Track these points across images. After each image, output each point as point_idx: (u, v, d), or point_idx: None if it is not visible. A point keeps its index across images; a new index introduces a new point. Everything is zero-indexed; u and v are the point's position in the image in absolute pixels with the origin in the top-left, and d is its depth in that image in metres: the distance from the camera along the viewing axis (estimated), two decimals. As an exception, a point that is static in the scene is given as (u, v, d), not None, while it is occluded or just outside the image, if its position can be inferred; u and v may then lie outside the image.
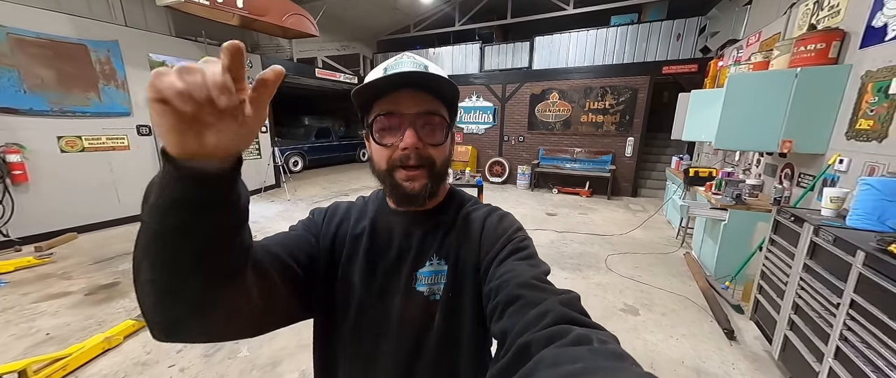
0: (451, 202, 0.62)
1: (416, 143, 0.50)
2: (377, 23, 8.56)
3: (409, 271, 0.55)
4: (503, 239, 0.53)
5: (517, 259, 0.49)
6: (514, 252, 0.51)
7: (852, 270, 1.29)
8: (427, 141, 0.51)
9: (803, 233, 1.64)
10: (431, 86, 0.51)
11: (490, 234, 0.55)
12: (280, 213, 5.14)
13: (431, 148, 0.52)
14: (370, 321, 0.56)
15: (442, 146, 0.53)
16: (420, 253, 0.56)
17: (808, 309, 1.56)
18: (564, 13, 6.80)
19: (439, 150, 0.53)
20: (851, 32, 2.37)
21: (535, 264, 0.49)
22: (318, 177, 8.35)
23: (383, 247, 0.58)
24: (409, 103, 0.50)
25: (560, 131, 7.14)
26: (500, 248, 0.52)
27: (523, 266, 0.47)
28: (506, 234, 0.54)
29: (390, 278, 0.56)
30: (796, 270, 1.67)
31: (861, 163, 2.12)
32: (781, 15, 3.51)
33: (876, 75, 2.10)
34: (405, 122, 0.50)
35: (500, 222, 0.57)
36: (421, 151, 0.51)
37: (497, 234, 0.54)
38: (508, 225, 0.56)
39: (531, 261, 0.49)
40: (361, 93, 0.50)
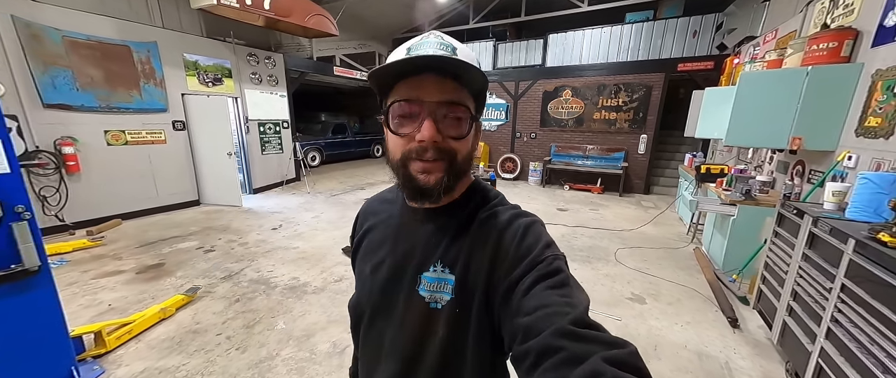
0: (469, 200, 0.54)
1: (435, 137, 0.45)
2: (393, 22, 8.74)
3: (414, 272, 0.52)
4: (529, 260, 0.45)
5: (548, 288, 0.42)
6: (543, 278, 0.43)
7: (844, 257, 1.40)
8: (447, 133, 0.47)
9: (803, 224, 1.74)
10: (458, 72, 0.45)
11: (510, 249, 0.48)
12: (301, 204, 5.41)
13: (452, 141, 0.47)
14: (378, 312, 0.56)
15: (464, 140, 0.48)
16: (425, 254, 0.53)
17: (804, 295, 1.66)
18: (579, 10, 6.83)
19: (461, 143, 0.48)
20: (864, 31, 2.40)
21: (570, 295, 0.41)
22: (335, 171, 8.63)
23: (394, 241, 0.57)
24: (431, 90, 0.45)
25: (573, 128, 7.19)
26: (525, 271, 0.45)
27: (557, 299, 0.40)
28: (532, 254, 0.46)
29: (397, 274, 0.54)
30: (796, 260, 1.77)
31: (869, 159, 2.18)
32: (798, 13, 3.52)
33: (885, 74, 2.14)
34: (425, 110, 0.45)
35: (525, 236, 0.48)
36: (440, 144, 0.46)
37: (519, 253, 0.47)
38: (535, 240, 0.48)
39: (565, 290, 0.42)
40: (380, 73, 0.46)
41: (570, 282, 0.44)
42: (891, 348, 1.16)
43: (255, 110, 6.02)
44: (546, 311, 0.39)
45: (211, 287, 2.72)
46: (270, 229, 4.19)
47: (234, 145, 5.13)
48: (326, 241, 3.84)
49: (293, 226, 4.34)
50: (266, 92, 6.20)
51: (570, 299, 0.40)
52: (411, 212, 0.56)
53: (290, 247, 3.64)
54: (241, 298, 2.57)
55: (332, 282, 2.88)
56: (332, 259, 3.34)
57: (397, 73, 0.47)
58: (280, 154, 6.61)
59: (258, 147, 6.18)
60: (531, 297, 0.42)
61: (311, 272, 3.04)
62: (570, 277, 0.44)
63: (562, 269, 0.44)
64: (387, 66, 0.45)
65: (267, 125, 6.30)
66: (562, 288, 0.42)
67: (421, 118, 0.46)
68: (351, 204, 5.47)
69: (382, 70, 0.45)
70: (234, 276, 2.94)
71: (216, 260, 3.26)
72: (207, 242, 3.70)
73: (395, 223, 0.58)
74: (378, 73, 0.46)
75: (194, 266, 3.11)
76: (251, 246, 3.64)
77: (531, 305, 0.41)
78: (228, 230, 4.13)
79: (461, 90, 0.47)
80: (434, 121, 0.45)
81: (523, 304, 0.42)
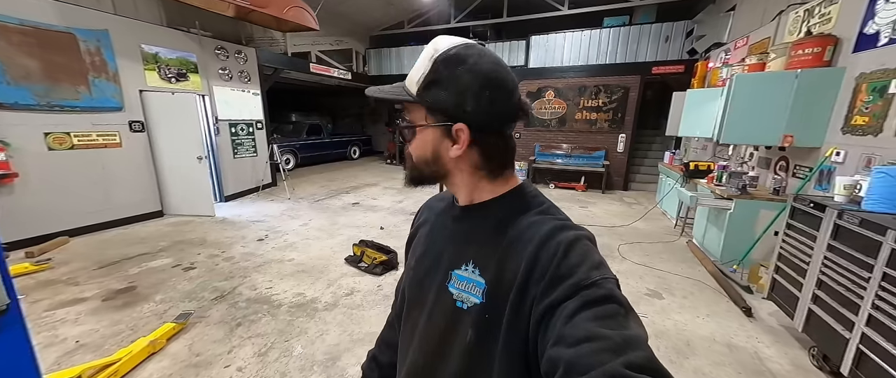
0: (508, 203, 0.52)
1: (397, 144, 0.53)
2: (371, 18, 8.43)
3: (447, 268, 0.53)
4: (572, 282, 0.40)
5: (596, 317, 0.36)
6: (590, 304, 0.37)
7: (883, 247, 1.48)
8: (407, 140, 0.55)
9: (826, 217, 1.85)
10: (398, 100, 0.53)
11: (549, 267, 0.42)
12: (284, 211, 4.99)
13: (409, 144, 0.55)
14: (414, 303, 0.59)
15: (411, 144, 0.54)
16: (458, 252, 0.53)
17: (833, 284, 1.76)
18: (559, 13, 7.01)
19: (411, 148, 0.54)
20: (844, 38, 2.65)
21: (624, 328, 0.35)
22: (312, 175, 8.13)
23: (437, 236, 0.59)
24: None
25: (556, 128, 7.37)
26: (567, 295, 0.39)
27: (608, 333, 0.34)
28: (576, 275, 0.40)
29: (432, 268, 0.56)
30: (819, 251, 1.87)
31: (857, 154, 2.40)
32: (769, 21, 3.83)
33: (870, 77, 2.37)
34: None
35: (568, 253, 0.43)
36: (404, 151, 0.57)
37: (560, 272, 0.41)
38: (580, 259, 0.42)
39: (616, 321, 0.36)
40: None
41: (623, 311, 0.38)
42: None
43: (225, 109, 5.46)
44: (593, 346, 0.33)
45: (203, 311, 2.37)
46: (256, 240, 3.80)
47: (204, 148, 4.60)
48: (323, 250, 3.54)
49: (281, 236, 3.97)
50: (238, 89, 5.66)
51: (625, 333, 0.35)
52: (454, 209, 0.58)
53: (284, 259, 3.30)
54: (243, 322, 2.26)
55: (343, 296, 2.63)
56: (336, 270, 3.08)
57: None
58: (254, 157, 6.08)
59: (230, 150, 5.62)
60: (575, 325, 0.37)
61: (317, 286, 2.77)
62: (623, 306, 0.38)
63: (613, 296, 0.39)
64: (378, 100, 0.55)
65: (239, 126, 5.76)
66: (613, 319, 0.36)
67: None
68: (339, 210, 5.14)
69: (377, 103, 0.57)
70: (227, 296, 2.59)
71: (200, 279, 2.86)
72: (184, 259, 3.25)
73: (441, 220, 0.61)
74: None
75: (175, 287, 2.70)
76: (238, 260, 3.25)
77: (574, 336, 0.35)
78: (206, 244, 3.67)
79: (411, 105, 0.52)
80: (396, 130, 0.49)
81: (565, 333, 0.37)
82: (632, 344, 0.33)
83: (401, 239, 3.86)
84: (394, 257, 3.11)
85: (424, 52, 0.50)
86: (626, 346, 0.33)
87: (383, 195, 6.14)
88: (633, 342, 0.34)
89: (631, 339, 0.34)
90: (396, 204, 5.54)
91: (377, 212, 5.05)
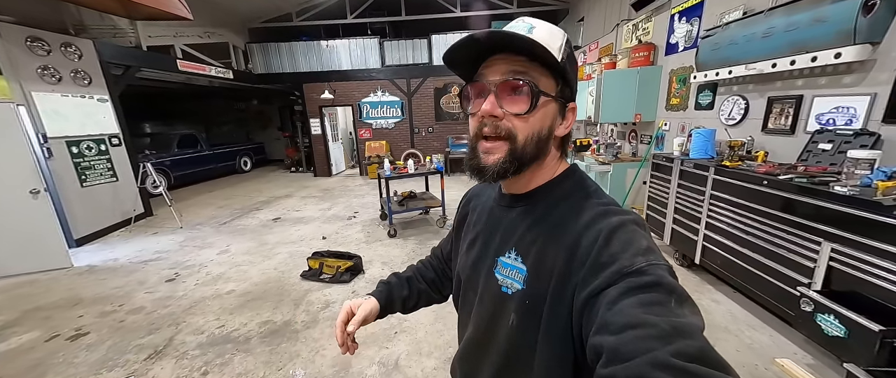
0: (555, 187, 0.52)
1: (493, 110, 0.45)
2: (250, 7, 7.35)
3: (494, 254, 0.55)
4: (615, 268, 0.39)
5: (643, 304, 0.35)
6: (636, 290, 0.36)
7: (708, 178, 2.40)
8: (509, 109, 0.46)
9: (675, 166, 2.81)
10: (526, 49, 0.44)
11: (592, 252, 0.42)
12: (183, 243, 4.08)
13: (514, 118, 0.46)
14: (469, 285, 0.61)
15: (525, 117, 0.46)
16: (503, 239, 0.54)
17: (684, 208, 2.71)
18: (454, 15, 7.64)
19: (522, 122, 0.46)
20: (658, 45, 3.90)
21: (673, 315, 0.33)
22: (198, 195, 6.71)
23: (485, 223, 0.60)
24: (497, 69, 0.46)
25: (464, 121, 8.03)
26: (611, 281, 0.38)
27: (655, 320, 0.32)
28: (619, 261, 0.39)
29: (481, 254, 0.58)
30: (673, 189, 2.83)
31: (676, 124, 3.62)
32: (609, 32, 5.20)
33: (676, 71, 3.59)
34: (487, 88, 0.46)
35: (611, 238, 0.42)
36: (499, 122, 0.46)
37: (602, 258, 0.40)
38: (625, 244, 0.41)
39: (665, 308, 0.34)
40: (455, 62, 0.49)
41: (674, 298, 0.35)
42: (742, 220, 2.14)
43: (58, 123, 4.03)
44: (638, 333, 0.32)
45: (142, 373, 1.88)
46: (165, 282, 3.06)
47: (40, 178, 3.33)
48: (268, 273, 3.15)
49: (199, 270, 3.30)
50: (74, 95, 4.22)
51: (676, 320, 0.32)
52: (501, 196, 0.58)
53: (220, 293, 2.81)
54: (210, 369, 1.91)
55: (319, 311, 2.48)
56: (297, 289, 2.82)
57: (474, 59, 0.48)
58: (114, 183, 4.66)
59: (74, 177, 4.18)
60: (618, 312, 0.35)
61: (284, 310, 2.51)
62: (675, 293, 0.36)
63: (662, 282, 0.36)
64: (455, 48, 0.46)
65: (84, 144, 4.32)
66: (661, 305, 0.34)
67: (484, 96, 0.47)
68: (259, 229, 4.51)
69: (453, 53, 0.47)
70: (166, 348, 2.11)
71: (108, 342, 2.21)
72: (61, 327, 2.41)
73: (489, 206, 0.61)
74: (451, 58, 0.48)
75: (73, 363, 2.02)
76: (153, 309, 2.60)
77: (618, 322, 0.34)
78: (84, 302, 2.77)
79: (531, 65, 0.45)
80: (496, 97, 0.45)
81: (608, 319, 0.35)
82: (683, 332, 0.31)
83: (347, 245, 3.74)
84: (358, 261, 3.04)
85: (548, 26, 0.47)
86: (675, 335, 0.31)
87: (305, 205, 5.63)
88: (685, 330, 0.31)
89: (682, 327, 0.32)
90: (325, 212, 5.19)
91: (308, 223, 4.66)
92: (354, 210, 5.22)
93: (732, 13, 2.79)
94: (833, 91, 2.11)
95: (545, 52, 0.44)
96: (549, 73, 0.47)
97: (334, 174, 8.55)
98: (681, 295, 0.36)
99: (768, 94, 2.53)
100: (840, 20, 1.90)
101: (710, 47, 2.86)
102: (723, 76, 2.75)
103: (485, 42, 0.45)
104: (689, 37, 3.38)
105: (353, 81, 7.94)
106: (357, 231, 4.26)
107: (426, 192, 4.68)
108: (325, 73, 7.88)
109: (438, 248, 0.84)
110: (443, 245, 0.83)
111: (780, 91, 2.46)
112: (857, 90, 1.98)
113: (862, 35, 1.84)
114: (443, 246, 0.83)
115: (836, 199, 1.62)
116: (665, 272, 0.38)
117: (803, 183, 1.79)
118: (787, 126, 2.39)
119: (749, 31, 2.48)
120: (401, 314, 0.78)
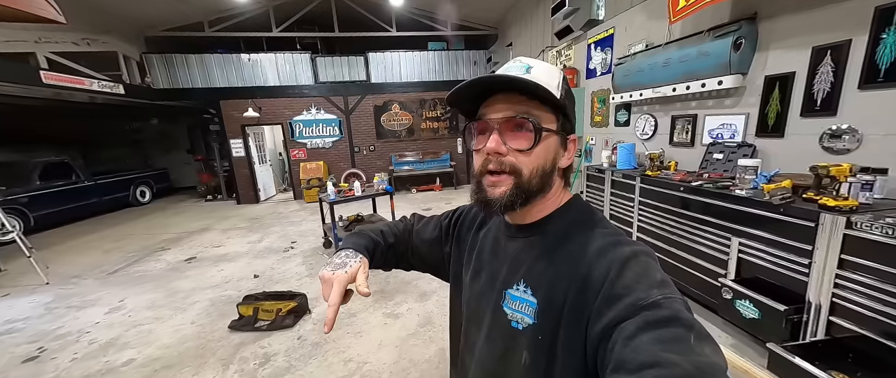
0: (560, 218, 0.53)
1: (498, 148, 0.47)
2: (148, 12, 6.35)
3: (501, 287, 0.53)
4: (629, 301, 0.38)
5: (661, 341, 0.33)
6: (653, 325, 0.34)
7: (636, 186, 2.72)
8: (513, 146, 0.48)
9: (606, 176, 3.12)
10: (526, 89, 0.46)
11: (603, 284, 0.41)
12: (51, 303, 3.14)
13: (519, 154, 0.48)
14: (472, 320, 0.59)
15: (529, 153, 0.47)
16: (511, 271, 0.53)
17: (618, 213, 3.02)
18: (390, 34, 7.64)
19: (526, 157, 0.48)
20: (580, 70, 4.40)
21: (694, 353, 0.32)
22: (80, 237, 5.34)
23: (490, 253, 0.59)
24: (499, 108, 0.48)
25: (406, 138, 8.01)
26: (626, 315, 0.37)
27: (675, 359, 0.31)
28: (634, 293, 0.38)
29: (487, 287, 0.56)
30: (607, 195, 3.13)
31: (601, 139, 4.08)
32: (536, 57, 5.74)
33: (597, 93, 4.08)
34: (490, 127, 0.49)
35: (624, 270, 0.41)
36: (504, 158, 0.48)
37: (615, 290, 0.40)
38: (639, 276, 0.40)
39: (683, 345, 0.33)
40: (458, 101, 0.52)
41: (693, 335, 0.34)
42: (667, 222, 2.45)
43: None
44: (657, 373, 0.30)
45: None
46: (21, 363, 2.28)
47: None
48: (183, 330, 2.57)
49: (78, 338, 2.55)
50: None
51: (698, 360, 0.31)
52: (505, 227, 0.57)
53: (114, 366, 2.19)
54: None
55: (258, 367, 2.07)
56: (224, 344, 2.34)
57: (474, 98, 0.51)
58: (-66, 233, 3.41)
59: None
60: (636, 349, 0.33)
61: (210, 374, 2.04)
62: (694, 328, 0.35)
63: (680, 316, 0.35)
64: (460, 90, 0.49)
65: None
66: (681, 343, 0.33)
67: (489, 134, 0.49)
68: (166, 274, 3.73)
69: (457, 95, 0.50)
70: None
71: None
72: None
73: (494, 236, 0.60)
74: (456, 99, 0.51)
75: None
76: (4, 406, 1.89)
77: (636, 360, 0.32)
78: None
79: (530, 104, 0.48)
80: (500, 134, 0.48)
81: (625, 357, 0.34)
82: (707, 374, 0.30)
83: (287, 282, 3.31)
84: (303, 300, 2.67)
85: (544, 66, 0.50)
86: (699, 376, 0.30)
87: (228, 239, 4.87)
88: (708, 372, 0.30)
89: (705, 368, 0.30)
90: (255, 245, 4.55)
91: (234, 261, 4.01)
92: (292, 240, 4.68)
93: (637, 45, 3.28)
94: (719, 111, 2.59)
95: (546, 92, 0.46)
96: (548, 109, 0.49)
97: (263, 200, 7.64)
98: (700, 332, 0.35)
99: (671, 113, 3.01)
100: (718, 54, 2.36)
101: (622, 73, 3.31)
102: (635, 98, 3.19)
103: (488, 85, 0.49)
104: (604, 63, 3.88)
105: (283, 98, 7.31)
106: (297, 264, 3.79)
107: (374, 215, 4.42)
108: (247, 90, 7.11)
109: (410, 223, 0.78)
110: (420, 226, 0.76)
111: (680, 111, 2.93)
112: (735, 110, 2.46)
113: (735, 67, 2.30)
114: (419, 227, 0.76)
115: (737, 200, 1.95)
116: (681, 306, 0.37)
117: (711, 188, 2.12)
118: (688, 140, 2.85)
119: (652, 60, 2.93)
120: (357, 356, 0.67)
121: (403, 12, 7.43)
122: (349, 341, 2.32)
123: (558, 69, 0.51)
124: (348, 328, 2.47)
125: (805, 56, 1.99)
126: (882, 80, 1.69)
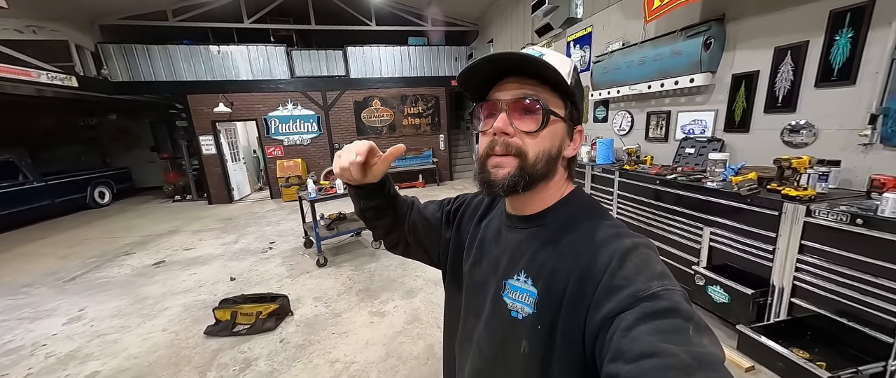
0: (562, 208, 0.52)
1: (504, 127, 0.47)
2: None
3: (501, 277, 0.53)
4: (629, 292, 0.38)
5: (659, 331, 0.33)
6: (652, 316, 0.35)
7: (615, 180, 2.81)
8: (520, 127, 0.47)
9: (587, 170, 3.21)
10: (537, 72, 0.46)
11: (603, 275, 0.41)
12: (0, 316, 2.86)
13: (525, 136, 0.47)
14: (470, 310, 0.59)
15: (535, 135, 0.47)
16: (512, 261, 0.53)
17: (597, 207, 3.12)
18: (369, 28, 7.47)
19: (532, 139, 0.47)
20: (560, 68, 4.49)
21: (692, 344, 0.32)
22: (30, 243, 4.88)
23: (491, 243, 0.59)
24: (508, 90, 0.48)
25: (388, 134, 7.89)
26: (625, 306, 0.37)
27: (673, 349, 0.31)
28: (634, 285, 0.38)
29: (487, 277, 0.57)
30: (587, 190, 3.23)
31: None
32: (518, 52, 5.80)
33: (576, 90, 4.18)
34: (498, 107, 0.48)
35: (625, 262, 0.41)
36: (510, 139, 0.47)
37: (615, 282, 0.40)
38: (639, 268, 0.40)
39: (682, 336, 0.33)
40: (467, 83, 0.51)
41: (692, 326, 0.34)
42: (645, 214, 2.56)
43: None
44: (655, 363, 0.31)
45: None
46: (-32, 382, 2.07)
47: None
48: (154, 338, 2.42)
49: (32, 353, 2.34)
50: None
51: (696, 350, 0.31)
52: (507, 218, 0.57)
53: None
54: None
55: (236, 372, 1.99)
56: (201, 351, 2.22)
57: (485, 80, 0.51)
58: None
59: None
60: (634, 339, 0.34)
61: (184, 384, 1.93)
62: (692, 321, 0.35)
63: (679, 308, 0.36)
64: (468, 71, 0.49)
65: None
66: (679, 333, 0.33)
67: (496, 115, 0.48)
68: (133, 279, 3.50)
69: (466, 76, 0.50)
70: None
71: None
72: None
73: (495, 226, 0.60)
74: (465, 80, 0.50)
75: None
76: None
77: (634, 351, 0.33)
78: None
79: (539, 87, 0.47)
80: (508, 115, 0.47)
81: (623, 347, 0.34)
82: (704, 364, 0.30)
83: (267, 284, 3.19)
84: (285, 301, 2.58)
85: (556, 54, 0.49)
86: (697, 367, 0.30)
87: (200, 242, 4.63)
88: (706, 362, 0.31)
89: (703, 358, 0.31)
90: (230, 247, 4.35)
91: (208, 264, 3.81)
92: (270, 240, 4.51)
93: (614, 43, 3.38)
94: (691, 108, 2.72)
95: (557, 74, 0.45)
96: (558, 95, 0.49)
97: (236, 200, 7.31)
98: (698, 323, 0.35)
99: (646, 109, 3.13)
100: (690, 53, 2.47)
101: (601, 71, 3.40)
102: (613, 95, 3.29)
103: (499, 64, 0.48)
104: (583, 61, 3.97)
105: (257, 93, 6.99)
106: (276, 265, 3.66)
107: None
108: (217, 83, 6.74)
109: (412, 198, 0.76)
110: (422, 204, 0.75)
111: (654, 107, 3.06)
112: (705, 107, 2.59)
113: (705, 65, 2.42)
114: (421, 205, 0.74)
115: (708, 192, 2.06)
116: (681, 298, 0.37)
117: (685, 181, 2.22)
118: (662, 135, 2.98)
119: (628, 58, 3.03)
120: (344, 356, 0.64)
121: (383, 6, 7.28)
122: (335, 342, 2.26)
123: (569, 59, 0.50)
124: (334, 328, 2.41)
125: (768, 55, 2.12)
126: (835, 79, 1.84)
